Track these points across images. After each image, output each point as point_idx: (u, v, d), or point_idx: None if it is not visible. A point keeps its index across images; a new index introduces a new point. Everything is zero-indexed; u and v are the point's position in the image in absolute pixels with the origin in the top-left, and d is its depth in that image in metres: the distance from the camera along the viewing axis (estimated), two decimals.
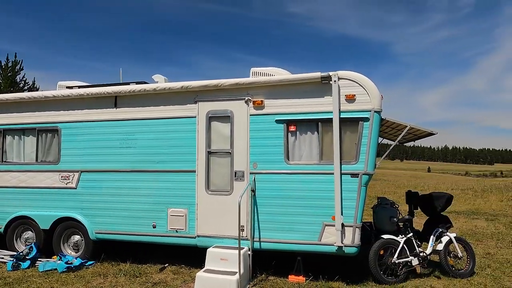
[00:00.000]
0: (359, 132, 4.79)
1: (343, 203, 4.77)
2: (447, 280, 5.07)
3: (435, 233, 5.45)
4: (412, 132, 5.47)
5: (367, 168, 4.75)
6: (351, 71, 4.89)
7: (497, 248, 7.02)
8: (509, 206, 13.77)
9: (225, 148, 5.28)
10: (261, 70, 5.66)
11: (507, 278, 5.18)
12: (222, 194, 5.23)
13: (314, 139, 5.04)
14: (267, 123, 5.12)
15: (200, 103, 5.39)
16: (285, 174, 5.03)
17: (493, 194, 17.90)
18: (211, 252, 4.92)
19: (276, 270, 5.26)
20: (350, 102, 4.83)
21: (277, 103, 5.12)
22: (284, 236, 4.99)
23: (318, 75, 4.86)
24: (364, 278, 5.06)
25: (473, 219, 10.81)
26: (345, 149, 4.85)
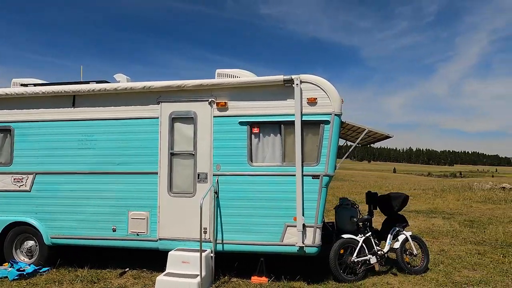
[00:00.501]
0: (320, 134, 4.91)
1: (304, 204, 4.86)
2: (402, 277, 5.29)
3: (392, 232, 5.68)
4: (371, 135, 5.68)
5: (327, 169, 4.88)
6: (313, 75, 5.00)
7: (450, 245, 7.42)
8: (465, 205, 14.56)
9: (188, 149, 5.23)
10: (226, 71, 5.67)
11: (457, 273, 5.48)
12: (184, 196, 5.18)
13: (277, 141, 5.10)
14: (230, 125, 5.12)
15: (163, 104, 5.31)
16: (248, 175, 5.05)
17: (451, 193, 18.88)
18: (173, 255, 4.85)
19: (239, 271, 5.27)
20: (312, 105, 4.93)
21: (241, 105, 5.14)
22: (247, 238, 5.01)
23: (281, 78, 4.93)
24: (324, 277, 5.18)
25: (431, 217, 11.34)
26: (306, 151, 4.95)
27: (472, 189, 20.30)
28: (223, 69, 5.74)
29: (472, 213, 12.09)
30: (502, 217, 10.92)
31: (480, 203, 15.16)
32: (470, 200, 16.19)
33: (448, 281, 5.13)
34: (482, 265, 5.93)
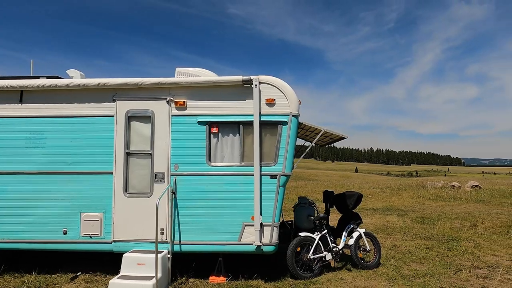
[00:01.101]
0: (278, 135, 4.99)
1: (262, 204, 4.92)
2: (356, 272, 5.51)
3: (347, 229, 5.90)
4: (328, 135, 5.87)
5: (285, 169, 4.97)
6: (272, 76, 5.07)
7: (402, 241, 7.82)
8: (418, 203, 15.41)
9: (145, 149, 5.11)
10: (186, 70, 5.62)
11: (407, 267, 5.80)
12: (141, 197, 5.05)
13: (236, 141, 5.12)
14: (189, 124, 5.08)
15: (119, 102, 5.15)
16: (207, 175, 5.04)
17: (406, 192, 19.90)
18: (127, 257, 4.72)
19: (197, 272, 5.24)
20: (270, 106, 5.01)
21: (200, 104, 5.11)
22: (205, 238, 4.99)
23: (240, 78, 4.95)
24: (282, 274, 5.28)
25: (387, 215, 11.89)
26: (265, 151, 5.02)
27: (425, 187, 21.53)
28: (183, 68, 5.69)
29: (424, 210, 12.81)
30: (450, 214, 11.68)
31: (432, 200, 16.11)
32: (423, 198, 17.15)
33: (398, 274, 5.41)
34: (429, 258, 6.31)
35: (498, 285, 4.97)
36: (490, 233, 8.54)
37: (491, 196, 16.72)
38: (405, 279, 5.21)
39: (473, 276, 5.34)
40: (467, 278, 5.24)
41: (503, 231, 8.71)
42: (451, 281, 5.09)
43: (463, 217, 10.89)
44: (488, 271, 5.59)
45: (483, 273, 5.45)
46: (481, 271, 5.56)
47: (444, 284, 4.98)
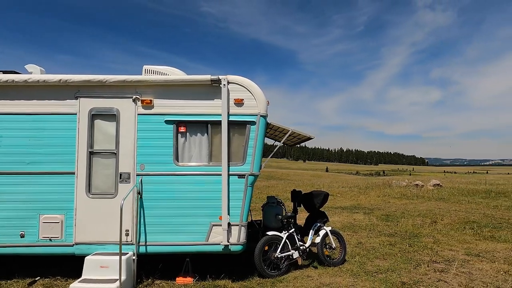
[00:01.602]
0: (246, 135, 5.01)
1: (230, 203, 4.93)
2: (322, 269, 5.64)
3: (314, 227, 6.03)
4: (295, 136, 5.96)
5: (253, 169, 5.00)
6: (240, 76, 5.09)
7: (367, 238, 8.09)
8: (384, 201, 15.98)
9: (110, 148, 4.97)
10: (153, 68, 5.53)
11: (370, 263, 6.01)
12: (105, 198, 4.90)
13: (204, 141, 5.09)
14: (156, 123, 4.99)
15: (82, 99, 4.97)
16: (174, 175, 4.97)
17: (373, 191, 20.58)
18: (90, 260, 4.57)
19: (164, 273, 5.16)
20: (239, 106, 5.02)
21: (167, 103, 5.03)
22: (172, 238, 4.93)
23: (208, 78, 4.93)
24: (249, 273, 5.31)
25: (354, 213, 12.24)
26: (233, 151, 5.03)
27: (391, 186, 22.36)
28: (151, 66, 5.59)
29: (389, 208, 13.30)
30: (413, 211, 12.20)
31: (397, 198, 16.75)
32: (389, 196, 17.82)
33: (361, 270, 5.59)
34: (391, 254, 6.57)
35: (453, 277, 5.26)
36: (448, 229, 9.01)
37: (451, 194, 17.64)
38: (368, 274, 5.39)
39: (431, 270, 5.61)
40: (425, 272, 5.50)
41: (460, 227, 9.22)
42: (411, 276, 5.33)
43: (424, 214, 11.42)
44: (445, 265, 5.90)
45: (440, 267, 5.75)
46: (438, 265, 5.86)
47: (404, 278, 5.20)
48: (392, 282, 5.00)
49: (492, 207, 13.25)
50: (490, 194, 17.11)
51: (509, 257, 6.33)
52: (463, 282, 5.07)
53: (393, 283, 4.98)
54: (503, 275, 5.37)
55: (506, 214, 11.35)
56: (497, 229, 8.92)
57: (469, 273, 5.46)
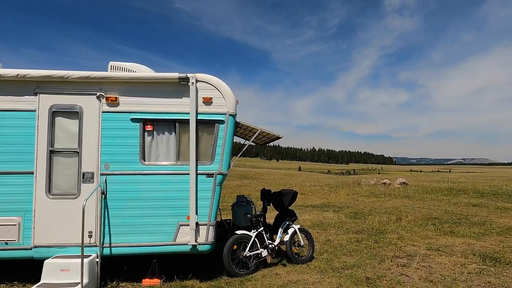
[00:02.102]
0: (214, 134, 4.98)
1: (198, 203, 4.88)
2: (290, 267, 5.71)
3: (283, 225, 6.09)
4: (265, 135, 6.00)
5: (221, 168, 4.98)
6: (209, 75, 5.05)
7: (336, 235, 8.27)
8: (353, 199, 16.41)
9: (72, 147, 4.78)
10: (120, 64, 5.38)
11: (337, 260, 6.15)
12: (67, 198, 4.71)
13: (172, 140, 5.01)
14: (121, 122, 4.85)
15: (42, 96, 4.75)
16: (140, 175, 4.85)
17: (343, 189, 21.10)
18: (49, 264, 4.37)
19: (130, 275, 5.03)
20: (207, 104, 4.98)
21: (134, 101, 4.90)
22: (138, 239, 4.81)
23: (176, 75, 4.85)
24: (218, 273, 5.29)
25: (324, 211, 12.48)
26: (201, 150, 4.98)
27: (360, 185, 23.01)
28: (117, 62, 5.45)
29: (357, 206, 13.67)
30: (379, 209, 12.61)
31: (365, 197, 17.26)
32: (358, 194, 18.33)
33: (328, 267, 5.71)
34: (358, 251, 6.76)
35: (414, 271, 5.49)
36: (412, 226, 9.39)
37: (416, 192, 18.40)
38: (335, 271, 5.51)
39: (394, 265, 5.83)
40: (389, 267, 5.71)
41: (423, 223, 9.64)
42: (375, 271, 5.50)
43: (390, 211, 11.83)
44: (407, 259, 6.15)
45: (402, 262, 5.98)
46: (401, 260, 6.10)
47: (369, 273, 5.36)
48: (357, 278, 5.14)
49: (453, 204, 13.94)
50: (452, 192, 17.99)
51: (466, 251, 6.69)
52: (423, 275, 5.30)
53: (358, 278, 5.13)
54: (459, 268, 5.66)
55: (465, 211, 11.98)
56: (456, 224, 9.39)
57: (429, 267, 5.71)
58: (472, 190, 18.20)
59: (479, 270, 5.51)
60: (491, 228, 8.81)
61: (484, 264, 5.84)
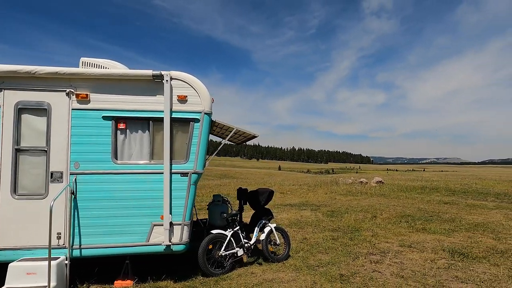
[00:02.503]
0: (189, 132, 4.92)
1: (172, 202, 4.81)
2: (266, 265, 5.73)
3: (259, 224, 6.10)
4: (241, 134, 5.98)
5: (196, 167, 4.92)
6: (184, 72, 4.98)
7: (312, 233, 8.36)
8: (330, 198, 16.63)
9: (40, 145, 4.60)
10: (91, 60, 5.23)
11: (313, 258, 6.21)
12: (34, 199, 4.53)
13: (145, 138, 4.91)
14: (92, 119, 4.71)
15: (7, 92, 4.54)
16: (112, 174, 4.73)
17: (321, 188, 21.35)
18: (14, 267, 4.18)
19: (101, 277, 4.90)
20: (182, 102, 4.91)
21: (106, 98, 4.77)
22: (110, 240, 4.69)
23: (150, 73, 4.76)
24: (193, 273, 5.23)
25: (302, 210, 12.58)
26: (176, 149, 4.90)
27: (338, 183, 23.38)
28: (89, 58, 5.29)
29: (334, 205, 13.86)
30: (356, 207, 12.84)
31: (343, 195, 17.54)
32: (335, 193, 18.60)
33: (304, 265, 5.76)
34: (333, 248, 6.85)
35: (386, 268, 5.62)
36: (386, 223, 9.62)
37: (391, 190, 18.86)
38: (310, 268, 5.57)
39: (367, 261, 5.95)
40: (363, 264, 5.82)
41: (396, 221, 9.89)
42: (349, 268, 5.60)
43: (366, 209, 12.07)
44: (380, 256, 6.29)
45: (376, 259, 6.12)
46: (374, 257, 6.23)
47: (343, 270, 5.45)
48: (331, 275, 5.22)
49: (425, 201, 14.38)
50: (425, 190, 18.56)
51: (436, 247, 6.91)
52: (394, 271, 5.44)
53: (332, 275, 5.20)
54: (429, 263, 5.85)
55: (437, 208, 12.39)
56: (428, 221, 9.69)
57: (401, 263, 5.87)
58: (444, 188, 18.85)
59: (447, 265, 5.71)
60: (461, 225, 9.15)
61: (453, 260, 6.05)
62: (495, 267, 5.61)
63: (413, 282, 4.99)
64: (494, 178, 28.52)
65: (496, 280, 5.00)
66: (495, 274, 5.26)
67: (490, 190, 18.07)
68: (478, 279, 5.06)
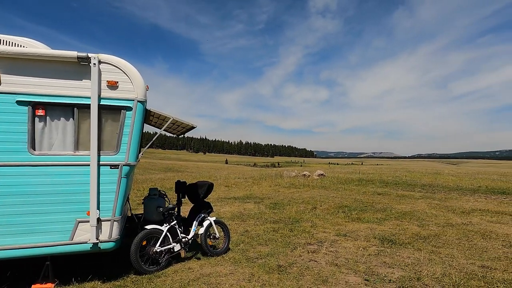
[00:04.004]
0: (120, 121, 4.56)
1: (100, 197, 4.43)
2: (205, 260, 5.58)
3: (198, 218, 5.92)
4: (179, 124, 5.72)
5: (128, 158, 4.58)
6: (115, 56, 4.59)
7: (254, 226, 8.38)
8: (274, 190, 16.90)
9: None
10: (5, 38, 4.61)
11: (253, 250, 6.20)
12: None
13: (69, 127, 4.45)
14: (4, 104, 4.13)
15: None
16: (30, 166, 4.21)
17: (266, 181, 21.64)
18: None
19: (17, 281, 4.39)
20: (112, 89, 4.52)
21: (21, 80, 4.21)
22: (27, 240, 4.19)
23: (74, 54, 4.30)
24: (124, 272, 4.91)
25: (246, 202, 12.60)
26: (105, 139, 4.52)
27: (282, 176, 23.89)
28: (1, 35, 4.64)
29: (277, 197, 14.10)
30: (298, 199, 13.18)
31: (286, 188, 17.93)
32: (279, 186, 18.96)
33: (243, 258, 5.72)
34: (273, 240, 6.92)
35: (322, 257, 5.80)
36: (325, 214, 9.99)
37: (331, 182, 19.74)
38: (249, 261, 5.54)
39: (305, 251, 6.08)
40: (300, 254, 5.94)
41: (334, 211, 10.32)
42: (287, 258, 5.67)
43: (307, 201, 12.45)
44: (317, 246, 6.48)
45: (313, 248, 6.28)
46: (312, 247, 6.40)
47: (281, 261, 5.50)
48: (269, 266, 5.23)
49: (362, 193, 15.26)
50: (362, 182, 19.72)
51: (368, 235, 7.31)
52: (329, 260, 5.62)
53: (270, 267, 5.22)
54: (361, 250, 6.15)
55: (371, 199, 13.19)
56: (363, 211, 10.26)
57: (336, 251, 6.10)
58: (378, 180, 20.20)
59: (377, 252, 6.05)
60: (391, 214, 9.82)
61: (382, 246, 6.43)
62: (418, 252, 6.07)
63: (346, 269, 5.19)
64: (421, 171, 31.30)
65: (418, 264, 5.41)
66: (418, 258, 5.69)
67: (418, 181, 19.77)
68: (403, 263, 5.43)
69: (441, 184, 18.80)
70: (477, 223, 8.64)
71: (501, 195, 14.75)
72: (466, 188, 17.27)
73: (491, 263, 5.50)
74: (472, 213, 10.06)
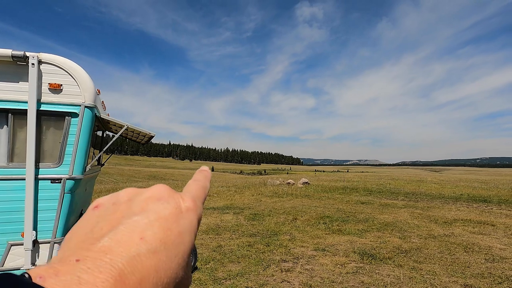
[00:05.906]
0: (64, 129, 4.02)
1: (39, 215, 3.87)
2: None
3: None
4: (138, 132, 5.21)
5: (73, 171, 4.04)
6: (60, 56, 4.07)
7: (229, 240, 7.86)
8: (256, 200, 16.42)
9: None
10: None
11: (222, 269, 5.69)
12: None
13: (3, 135, 3.89)
14: None
15: None
16: None
17: (249, 189, 21.13)
18: None
19: None
20: (55, 92, 4.00)
21: None
22: None
23: (8, 52, 3.76)
24: None
25: (224, 213, 12.04)
26: (45, 149, 3.98)
27: (265, 185, 23.44)
28: None
29: (259, 207, 13.61)
30: (279, 209, 12.72)
31: (268, 197, 17.46)
32: (262, 195, 18.48)
33: (210, 278, 5.21)
34: (246, 256, 6.41)
35: (296, 276, 5.33)
36: (305, 225, 9.54)
37: (315, 191, 19.40)
38: (216, 282, 5.04)
39: (278, 270, 5.61)
40: (273, 273, 5.46)
41: (315, 223, 9.89)
42: (258, 279, 5.19)
43: (288, 211, 12.00)
44: (293, 263, 6.01)
45: (287, 266, 5.81)
46: (286, 264, 5.93)
47: (251, 283, 5.01)
48: None
49: (345, 202, 14.93)
50: (346, 190, 19.45)
51: (348, 249, 6.89)
52: (303, 280, 5.16)
53: None
54: (339, 268, 5.71)
55: (354, 208, 12.85)
56: (345, 222, 9.87)
57: (312, 270, 5.64)
58: (362, 188, 19.97)
59: (355, 269, 5.63)
60: (373, 225, 9.45)
61: (362, 262, 6.01)
62: (398, 268, 5.68)
63: None
64: (405, 178, 31.37)
65: (398, 283, 5.00)
66: (398, 276, 5.29)
67: (401, 189, 19.62)
68: (382, 283, 5.01)
69: (424, 192, 18.69)
70: (459, 234, 8.35)
71: (483, 203, 14.66)
72: (448, 196, 17.17)
73: (474, 280, 5.14)
74: (454, 223, 9.80)
